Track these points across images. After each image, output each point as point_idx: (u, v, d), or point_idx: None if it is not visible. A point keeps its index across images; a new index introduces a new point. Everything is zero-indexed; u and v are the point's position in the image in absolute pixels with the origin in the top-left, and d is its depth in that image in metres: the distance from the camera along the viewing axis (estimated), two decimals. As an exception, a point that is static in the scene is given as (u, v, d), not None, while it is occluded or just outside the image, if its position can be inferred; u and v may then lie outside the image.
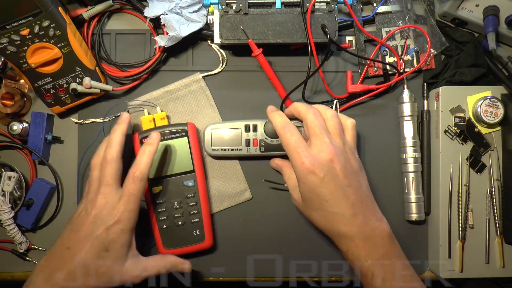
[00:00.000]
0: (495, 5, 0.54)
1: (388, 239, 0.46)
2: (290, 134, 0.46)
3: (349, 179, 0.45)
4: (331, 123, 0.48)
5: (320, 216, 0.46)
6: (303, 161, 0.44)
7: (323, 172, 0.44)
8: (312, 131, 0.46)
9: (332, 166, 0.44)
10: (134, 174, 0.46)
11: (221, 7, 0.53)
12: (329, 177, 0.44)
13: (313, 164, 0.44)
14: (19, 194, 0.56)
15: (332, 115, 0.48)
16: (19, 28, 0.49)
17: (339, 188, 0.44)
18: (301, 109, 0.48)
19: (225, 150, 0.55)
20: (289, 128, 0.47)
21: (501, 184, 0.54)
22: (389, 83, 0.57)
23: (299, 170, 0.45)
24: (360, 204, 0.45)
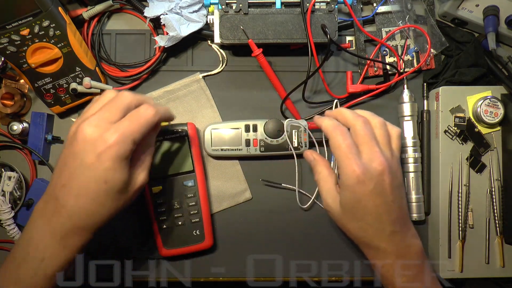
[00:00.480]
0: (495, 5, 0.54)
1: (422, 256, 0.46)
2: (343, 138, 0.43)
3: (394, 194, 0.43)
4: (380, 132, 0.45)
5: (359, 228, 0.45)
6: (355, 168, 0.42)
7: (372, 184, 0.42)
8: (362, 139, 0.44)
9: (382, 178, 0.42)
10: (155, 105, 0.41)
11: (221, 7, 0.53)
12: (378, 190, 0.42)
13: (364, 174, 0.42)
14: (19, 194, 0.56)
15: (381, 124, 0.46)
16: (19, 28, 0.49)
17: (385, 202, 0.43)
18: (348, 115, 0.46)
19: (225, 150, 0.55)
20: (342, 130, 0.44)
21: (501, 184, 0.54)
22: (389, 83, 0.57)
23: (348, 178, 0.42)
24: (400, 220, 0.44)
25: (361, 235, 0.45)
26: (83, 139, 0.38)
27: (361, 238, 0.45)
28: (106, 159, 0.37)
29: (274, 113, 0.57)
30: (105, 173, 0.38)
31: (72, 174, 0.38)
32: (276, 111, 0.57)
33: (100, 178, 0.38)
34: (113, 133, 0.38)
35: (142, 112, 0.40)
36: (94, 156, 0.37)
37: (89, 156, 0.37)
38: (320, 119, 0.48)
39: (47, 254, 0.39)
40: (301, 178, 0.57)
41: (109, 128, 0.38)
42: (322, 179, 0.49)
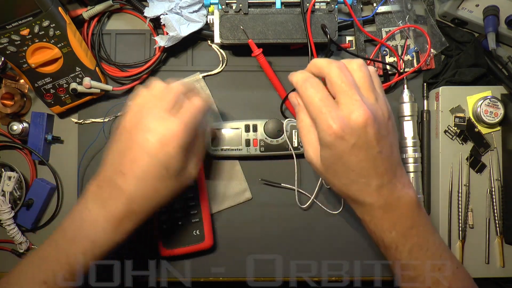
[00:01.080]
0: (495, 5, 0.54)
1: (415, 209, 0.41)
2: (315, 91, 0.39)
3: (381, 145, 0.38)
4: (360, 74, 0.40)
5: (342, 183, 0.41)
6: (330, 124, 0.37)
7: (354, 138, 0.37)
8: (338, 88, 0.38)
9: (365, 130, 0.37)
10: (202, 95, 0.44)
11: (221, 7, 0.53)
12: (360, 143, 0.37)
13: (343, 129, 0.37)
14: (19, 194, 0.56)
15: (359, 65, 0.40)
16: (19, 28, 0.49)
17: (370, 156, 0.38)
18: (321, 64, 0.40)
19: (225, 150, 0.55)
20: (312, 83, 0.39)
21: (501, 184, 0.54)
22: (389, 83, 0.57)
23: (325, 134, 0.38)
24: (388, 172, 0.40)
25: (345, 191, 0.41)
26: (147, 129, 0.39)
27: (346, 194, 0.42)
28: (171, 148, 0.39)
29: (274, 113, 0.57)
30: (168, 161, 0.39)
31: (134, 161, 0.39)
32: (276, 111, 0.57)
33: (162, 165, 0.39)
34: (178, 123, 0.40)
35: (196, 103, 0.42)
36: (159, 145, 0.39)
37: (154, 145, 0.39)
38: (292, 74, 0.43)
39: (99, 236, 0.40)
40: (300, 178, 0.57)
41: (171, 118, 0.40)
42: (304, 128, 0.43)
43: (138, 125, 0.40)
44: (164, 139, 0.39)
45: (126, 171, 0.40)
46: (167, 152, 0.39)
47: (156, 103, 0.41)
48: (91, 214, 0.40)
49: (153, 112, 0.40)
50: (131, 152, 0.40)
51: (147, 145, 0.39)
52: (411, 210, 0.41)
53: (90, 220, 0.40)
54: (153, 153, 0.39)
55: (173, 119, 0.40)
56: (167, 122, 0.40)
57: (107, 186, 0.40)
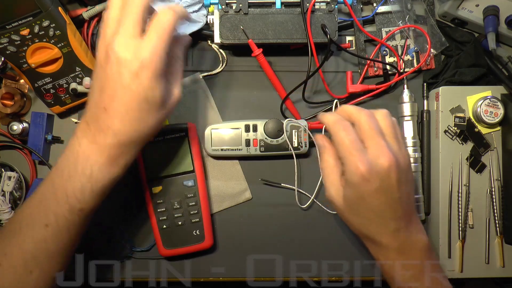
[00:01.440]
0: (495, 5, 0.54)
1: (427, 252, 0.44)
2: (346, 133, 0.41)
3: (401, 191, 0.41)
4: (386, 123, 0.43)
5: (361, 223, 0.44)
6: (358, 165, 0.40)
7: (378, 182, 0.40)
8: (367, 133, 0.41)
9: (388, 175, 0.40)
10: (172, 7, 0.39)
11: (221, 7, 0.53)
12: (384, 187, 0.40)
13: (369, 171, 0.39)
14: (19, 194, 0.56)
15: (385, 115, 0.44)
16: (19, 28, 0.49)
17: (390, 200, 0.41)
18: (351, 110, 0.43)
19: (225, 150, 0.55)
20: (344, 125, 0.42)
21: (501, 184, 0.54)
22: (389, 83, 0.57)
23: (352, 175, 0.40)
24: (406, 217, 0.43)
25: (363, 230, 0.44)
26: (117, 62, 0.37)
27: (363, 233, 0.44)
28: (144, 78, 0.37)
29: (274, 113, 0.57)
30: (145, 92, 0.38)
31: (112, 96, 0.38)
32: (276, 111, 0.57)
33: (141, 97, 0.38)
34: (146, 51, 0.37)
35: (164, 20, 0.39)
36: (132, 76, 0.37)
37: (126, 77, 0.37)
38: (323, 115, 0.45)
39: (95, 169, 0.40)
40: (300, 178, 0.57)
41: (140, 46, 0.37)
42: (327, 168, 0.46)
43: (108, 58, 0.38)
44: (135, 70, 0.37)
45: (107, 107, 0.39)
46: (142, 83, 0.37)
47: (119, 29, 0.38)
48: (83, 149, 0.40)
49: (119, 40, 0.37)
50: (108, 87, 0.38)
51: (120, 78, 0.37)
52: (423, 255, 0.44)
53: (83, 155, 0.40)
54: (127, 86, 0.37)
55: (141, 46, 0.37)
56: (134, 50, 0.37)
57: (94, 122, 0.40)
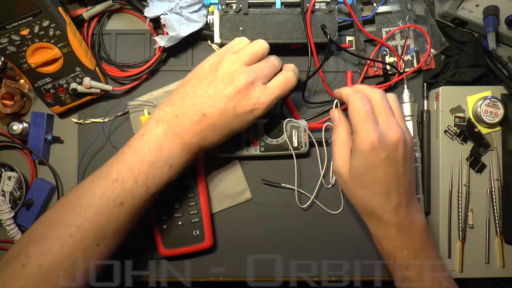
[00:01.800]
0: (495, 5, 0.54)
1: (425, 232, 0.45)
2: (362, 103, 0.44)
3: (406, 167, 0.44)
4: (395, 104, 0.47)
5: (365, 196, 0.44)
6: (370, 134, 0.42)
7: (386, 152, 0.42)
8: (380, 108, 0.44)
9: (396, 148, 0.42)
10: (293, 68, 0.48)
11: (221, 7, 0.53)
12: (391, 159, 0.42)
13: (380, 141, 0.42)
14: (19, 194, 0.56)
15: (393, 98, 0.47)
16: (19, 28, 0.49)
17: (396, 173, 0.43)
18: (366, 88, 0.47)
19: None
20: (362, 96, 0.44)
21: (501, 184, 0.54)
22: (389, 83, 0.57)
23: (363, 143, 0.42)
24: (407, 194, 0.44)
25: (366, 203, 0.45)
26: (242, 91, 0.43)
27: (366, 206, 0.45)
28: (254, 115, 0.44)
29: (274, 113, 0.57)
30: (245, 123, 0.45)
31: (220, 112, 0.43)
32: (276, 111, 0.57)
33: (240, 125, 0.45)
34: (269, 97, 0.44)
35: (289, 78, 0.46)
36: (248, 110, 0.43)
37: (243, 108, 0.43)
38: (339, 89, 0.49)
39: (176, 161, 0.44)
40: (300, 178, 0.57)
41: (266, 91, 0.44)
42: (339, 140, 0.47)
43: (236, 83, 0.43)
44: (253, 107, 0.43)
45: (209, 115, 0.43)
46: (249, 117, 0.44)
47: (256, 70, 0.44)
48: (168, 141, 0.43)
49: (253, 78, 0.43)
50: (220, 103, 0.43)
51: (238, 107, 0.43)
52: (422, 234, 0.45)
53: (168, 147, 0.43)
54: (239, 115, 0.44)
55: (266, 92, 0.44)
56: (260, 93, 0.44)
57: (186, 118, 0.44)
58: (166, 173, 0.43)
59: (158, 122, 0.44)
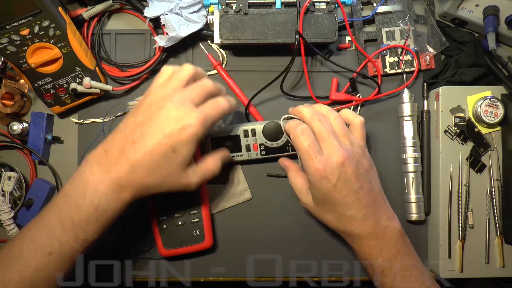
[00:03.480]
0: (495, 5, 0.54)
1: (399, 237, 0.47)
2: (304, 138, 0.46)
3: (361, 181, 0.45)
4: (336, 124, 0.48)
5: (333, 217, 0.47)
6: (317, 166, 0.44)
7: (335, 177, 0.44)
8: (320, 136, 0.46)
9: (344, 169, 0.44)
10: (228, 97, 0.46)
11: (221, 7, 0.53)
12: (342, 181, 0.44)
13: (326, 170, 0.44)
14: (19, 194, 0.56)
15: (335, 117, 0.48)
16: (19, 28, 0.49)
17: (352, 191, 0.45)
18: (305, 114, 0.48)
19: None
20: (302, 130, 0.46)
21: (501, 184, 0.54)
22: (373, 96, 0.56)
23: (312, 176, 0.45)
24: (372, 204, 0.46)
25: (336, 225, 0.47)
26: (168, 112, 0.41)
27: (337, 227, 0.48)
28: (186, 134, 0.41)
29: (274, 112, 0.57)
30: (178, 144, 0.41)
31: (148, 134, 0.41)
32: (276, 111, 0.57)
33: (172, 146, 0.41)
34: (198, 115, 0.42)
35: (220, 103, 0.45)
36: (177, 128, 0.41)
37: (172, 127, 0.41)
38: (288, 124, 0.50)
39: (103, 201, 0.41)
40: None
41: (194, 109, 0.42)
42: (293, 182, 0.52)
43: (162, 105, 0.42)
44: (182, 125, 0.41)
45: (137, 141, 0.41)
46: (180, 137, 0.41)
47: (186, 93, 0.43)
48: (94, 178, 0.41)
49: (180, 98, 0.42)
50: (148, 126, 0.42)
51: (165, 126, 0.41)
52: (395, 239, 0.47)
53: (93, 185, 0.41)
54: (168, 134, 0.41)
55: (196, 112, 0.42)
56: (189, 111, 0.42)
57: (116, 151, 0.42)
58: (93, 216, 0.41)
59: (87, 161, 0.43)
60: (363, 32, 0.58)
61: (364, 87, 0.58)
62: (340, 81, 0.58)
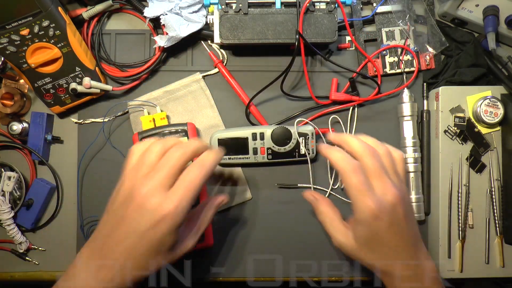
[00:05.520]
0: (495, 5, 0.54)
1: (436, 279, 0.46)
2: (355, 175, 0.42)
3: (408, 222, 0.43)
4: (387, 160, 0.45)
5: (376, 259, 0.45)
6: (369, 204, 0.41)
7: (387, 217, 0.42)
8: (373, 173, 0.43)
9: (396, 210, 0.42)
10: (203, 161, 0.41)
11: (221, 7, 0.53)
12: (393, 221, 0.42)
13: (379, 209, 0.41)
14: (19, 194, 0.56)
15: (387, 153, 0.45)
16: (19, 28, 0.49)
17: (400, 232, 0.43)
18: (355, 146, 0.44)
19: (232, 158, 0.55)
20: (354, 167, 0.43)
21: (501, 184, 0.54)
22: (372, 96, 0.57)
23: (364, 214, 0.42)
24: (415, 246, 0.45)
25: (377, 265, 0.45)
26: (140, 207, 0.38)
27: (378, 267, 0.45)
28: (162, 228, 0.38)
29: (274, 112, 0.57)
30: (159, 241, 0.39)
31: (125, 238, 0.39)
32: (276, 111, 0.57)
33: (153, 244, 0.39)
34: (171, 203, 0.38)
35: (192, 176, 0.40)
36: (150, 226, 0.38)
37: (145, 225, 0.38)
38: (328, 150, 0.46)
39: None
40: (314, 177, 0.57)
41: (166, 197, 0.38)
42: (327, 217, 0.48)
43: (132, 198, 0.39)
44: (156, 220, 0.38)
45: (116, 245, 0.40)
46: (158, 232, 0.38)
47: (153, 175, 0.40)
48: (82, 280, 0.40)
49: (149, 187, 0.39)
50: (121, 229, 0.40)
51: (138, 225, 0.39)
52: (433, 279, 0.45)
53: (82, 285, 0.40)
54: (143, 234, 0.39)
55: (167, 197, 0.39)
56: (160, 201, 0.38)
57: (99, 255, 0.41)
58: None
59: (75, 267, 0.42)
60: (363, 32, 0.58)
61: (364, 87, 0.58)
62: (340, 81, 0.58)
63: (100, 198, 0.56)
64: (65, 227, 0.57)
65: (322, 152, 0.47)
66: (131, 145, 0.53)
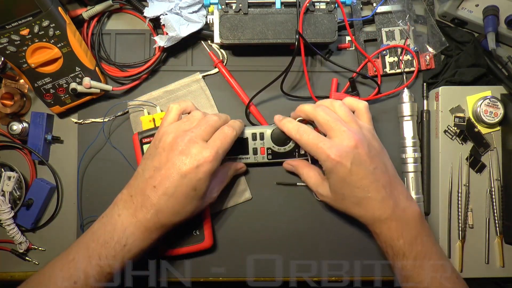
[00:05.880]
0: (495, 5, 0.54)
1: (419, 219, 0.46)
2: (307, 135, 0.47)
3: (375, 162, 0.45)
4: (341, 112, 0.48)
5: (353, 203, 0.47)
6: (328, 153, 0.44)
7: (350, 160, 0.44)
8: (327, 126, 0.46)
9: (357, 152, 0.44)
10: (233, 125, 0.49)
11: (221, 7, 0.53)
12: (356, 163, 0.44)
13: (339, 155, 0.44)
14: (19, 194, 0.56)
15: (339, 105, 0.48)
16: (19, 28, 0.49)
17: (368, 172, 0.45)
18: (308, 110, 0.49)
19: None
20: (303, 129, 0.47)
21: (501, 184, 0.54)
22: (372, 96, 0.57)
23: (326, 164, 0.45)
24: (389, 185, 0.46)
25: (357, 210, 0.47)
26: (183, 152, 0.44)
27: (358, 212, 0.47)
28: (202, 171, 0.43)
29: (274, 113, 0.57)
30: (197, 183, 0.44)
31: (167, 178, 0.43)
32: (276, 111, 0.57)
33: (192, 185, 0.43)
34: (211, 150, 0.44)
35: (227, 133, 0.47)
36: (193, 167, 0.43)
37: (187, 167, 0.43)
38: (280, 122, 0.51)
39: (130, 241, 0.44)
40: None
41: (206, 146, 0.44)
42: (306, 176, 0.52)
43: (175, 147, 0.44)
44: (197, 163, 0.43)
45: (158, 186, 0.44)
46: (198, 175, 0.43)
47: (196, 130, 0.45)
48: (122, 220, 0.44)
49: (191, 137, 0.44)
50: (165, 170, 0.44)
51: (182, 167, 0.43)
52: (415, 221, 0.46)
53: (121, 226, 0.44)
54: (185, 174, 0.43)
55: (208, 148, 0.44)
56: (201, 148, 0.44)
57: (139, 196, 0.44)
58: (119, 253, 0.43)
59: (115, 204, 0.46)
60: (363, 32, 0.58)
61: (364, 87, 0.58)
62: (340, 81, 0.58)
63: (100, 198, 0.56)
64: (65, 227, 0.57)
65: (277, 125, 0.52)
66: (131, 145, 0.53)
